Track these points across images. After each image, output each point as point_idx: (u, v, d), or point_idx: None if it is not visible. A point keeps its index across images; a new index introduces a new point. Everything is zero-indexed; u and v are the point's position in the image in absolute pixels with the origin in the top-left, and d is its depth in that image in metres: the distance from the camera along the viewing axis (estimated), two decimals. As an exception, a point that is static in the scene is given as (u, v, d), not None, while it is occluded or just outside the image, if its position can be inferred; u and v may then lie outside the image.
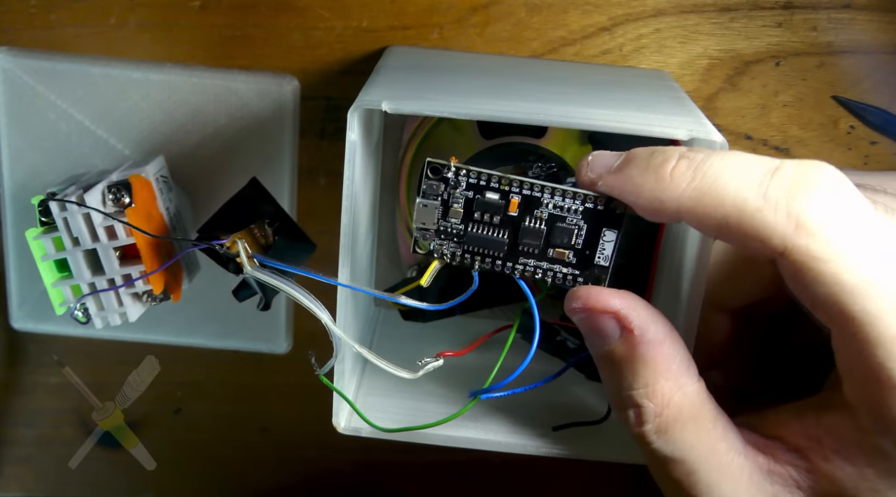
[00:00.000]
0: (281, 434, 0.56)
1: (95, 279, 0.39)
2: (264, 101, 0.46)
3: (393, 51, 0.45)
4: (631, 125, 0.32)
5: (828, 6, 0.45)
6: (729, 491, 0.30)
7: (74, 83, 0.46)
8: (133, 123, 0.46)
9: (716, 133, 0.32)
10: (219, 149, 0.47)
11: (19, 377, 0.55)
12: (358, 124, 0.33)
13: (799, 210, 0.27)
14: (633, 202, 0.30)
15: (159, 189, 0.42)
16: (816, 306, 0.28)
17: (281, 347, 0.50)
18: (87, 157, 0.47)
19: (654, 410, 0.30)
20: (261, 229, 0.40)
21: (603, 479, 0.56)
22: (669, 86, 0.43)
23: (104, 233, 0.39)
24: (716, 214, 0.28)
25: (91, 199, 0.38)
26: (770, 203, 0.27)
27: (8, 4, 0.46)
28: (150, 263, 0.39)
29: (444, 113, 0.33)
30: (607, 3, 0.45)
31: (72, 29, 0.46)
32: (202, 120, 0.46)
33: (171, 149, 0.46)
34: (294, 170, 0.48)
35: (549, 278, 0.33)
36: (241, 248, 0.36)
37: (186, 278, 0.44)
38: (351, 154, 0.33)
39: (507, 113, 0.33)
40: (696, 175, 0.28)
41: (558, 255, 0.33)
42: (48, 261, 0.39)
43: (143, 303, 0.41)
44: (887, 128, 0.47)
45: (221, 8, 0.46)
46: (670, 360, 0.30)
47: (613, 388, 0.31)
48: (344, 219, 0.34)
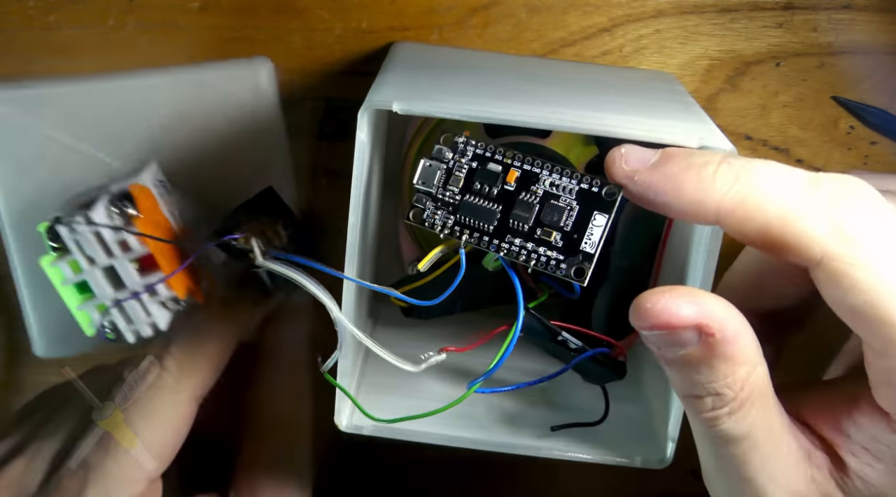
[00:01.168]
0: (281, 434, 0.56)
1: (118, 294, 0.39)
2: (241, 87, 0.46)
3: (399, 47, 0.45)
4: (642, 132, 0.32)
5: (828, 7, 0.45)
6: (778, 468, 0.31)
7: (50, 105, 0.45)
8: (117, 135, 0.46)
9: (726, 141, 0.32)
10: (208, 144, 0.46)
11: (19, 377, 0.55)
12: (368, 124, 0.33)
13: (840, 220, 0.28)
14: (668, 201, 0.30)
15: (159, 194, 0.42)
16: (852, 313, 0.28)
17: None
18: (80, 177, 0.45)
19: (732, 396, 0.30)
20: (275, 231, 0.40)
21: (603, 479, 0.56)
22: (675, 89, 0.43)
23: (118, 247, 0.39)
24: (758, 219, 0.28)
25: (96, 215, 0.38)
26: (812, 211, 0.28)
27: (6, 6, 0.46)
28: (168, 268, 0.39)
29: (455, 115, 0.33)
30: (607, 3, 0.45)
31: (70, 30, 0.46)
32: (185, 118, 0.46)
33: (162, 153, 0.46)
34: (287, 149, 0.47)
35: (532, 261, 0.33)
36: (254, 244, 0.36)
37: (205, 278, 0.44)
38: (360, 154, 0.33)
39: (518, 117, 0.33)
40: (740, 178, 0.29)
41: (545, 236, 0.32)
42: (69, 285, 0.39)
43: (170, 309, 0.41)
44: (887, 128, 0.47)
45: (221, 9, 0.46)
46: (746, 350, 0.30)
47: (686, 384, 0.30)
48: (351, 218, 0.34)
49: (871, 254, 0.27)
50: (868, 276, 0.27)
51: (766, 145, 0.47)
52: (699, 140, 0.32)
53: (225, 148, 0.47)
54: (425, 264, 0.34)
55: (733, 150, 0.32)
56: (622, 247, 0.42)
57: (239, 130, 0.46)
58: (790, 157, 0.47)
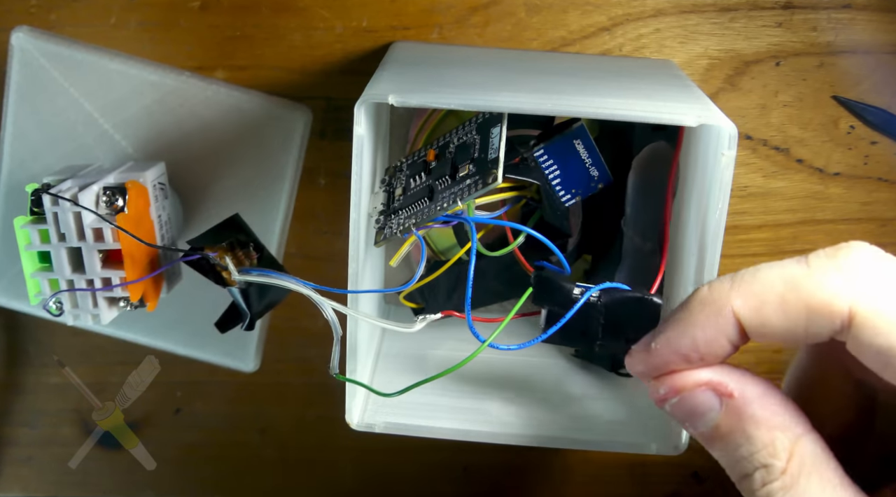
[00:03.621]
0: (280, 434, 0.56)
1: (74, 277, 0.39)
2: (274, 126, 0.46)
3: (398, 46, 0.45)
4: (639, 113, 0.32)
5: (828, 6, 0.45)
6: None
7: (90, 74, 0.46)
8: (141, 123, 0.46)
9: (725, 119, 0.32)
10: (221, 164, 0.47)
11: (19, 377, 0.54)
12: (365, 118, 0.33)
13: (853, 271, 0.27)
14: (693, 337, 0.29)
15: (155, 196, 0.42)
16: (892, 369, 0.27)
17: (249, 366, 0.51)
18: (90, 148, 0.47)
19: (780, 467, 0.28)
20: (245, 254, 0.39)
21: (606, 482, 0.55)
22: (676, 75, 0.43)
23: (91, 233, 0.38)
24: (771, 299, 0.28)
25: (85, 198, 0.38)
26: (821, 272, 0.27)
27: (8, 4, 0.46)
28: (132, 272, 0.39)
29: (451, 105, 0.33)
30: (607, 3, 0.45)
31: (72, 29, 0.46)
32: (210, 133, 0.46)
33: (174, 155, 0.46)
34: (291, 201, 0.48)
35: (460, 199, 0.34)
36: (228, 261, 0.37)
37: (165, 287, 0.43)
38: (359, 148, 0.33)
39: (514, 104, 0.33)
40: (735, 277, 0.28)
41: (462, 171, 0.35)
42: (31, 251, 0.39)
43: (119, 308, 0.41)
44: (887, 128, 0.47)
45: (222, 8, 0.46)
46: (780, 412, 0.29)
47: (732, 461, 0.30)
48: (353, 214, 0.34)
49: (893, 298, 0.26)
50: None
51: (766, 145, 0.47)
52: (697, 118, 0.32)
53: (235, 175, 0.47)
54: (396, 261, 0.36)
55: (733, 127, 0.32)
56: (634, 219, 0.42)
57: (255, 164, 0.47)
58: (790, 157, 0.47)
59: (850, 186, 0.48)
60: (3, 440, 0.56)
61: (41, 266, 0.40)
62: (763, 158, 0.48)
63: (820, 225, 0.49)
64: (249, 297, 0.38)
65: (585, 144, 0.36)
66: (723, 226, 0.33)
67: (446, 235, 0.45)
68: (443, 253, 0.46)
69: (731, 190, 0.32)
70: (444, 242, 0.45)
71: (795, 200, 0.48)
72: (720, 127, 0.32)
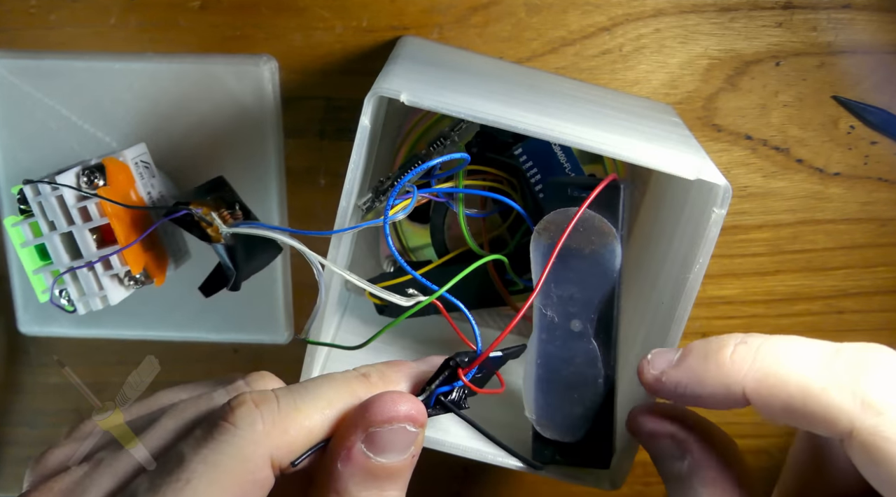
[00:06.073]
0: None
1: (74, 263, 0.39)
2: (243, 83, 0.46)
3: (407, 41, 0.45)
4: (642, 157, 0.33)
5: (828, 6, 0.45)
6: None
7: (59, 79, 0.46)
8: (119, 115, 0.46)
9: (721, 177, 0.33)
10: (204, 135, 0.47)
11: (19, 377, 0.55)
12: (372, 110, 0.33)
13: (865, 390, 0.27)
14: (698, 394, 0.31)
15: (139, 173, 0.42)
16: (889, 486, 0.27)
17: (281, 337, 0.50)
18: (77, 153, 0.46)
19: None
20: (232, 213, 0.39)
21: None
22: (674, 121, 0.43)
23: (78, 214, 0.39)
24: (780, 395, 0.28)
25: (63, 178, 0.38)
26: (834, 383, 0.28)
27: (7, 4, 0.46)
28: (123, 236, 0.39)
29: (462, 114, 0.33)
30: (607, 3, 0.45)
31: (72, 29, 0.46)
32: (186, 107, 0.46)
33: (159, 138, 0.46)
34: (280, 158, 0.47)
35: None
36: (214, 216, 0.37)
37: (172, 263, 0.43)
38: (362, 139, 0.34)
39: (526, 126, 0.33)
40: (757, 357, 0.29)
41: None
42: (28, 248, 0.40)
43: (125, 286, 0.40)
44: (887, 128, 0.47)
45: (221, 7, 0.46)
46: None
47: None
48: (343, 202, 0.35)
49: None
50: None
51: (766, 145, 0.47)
52: (696, 171, 0.33)
53: (219, 141, 0.47)
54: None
55: (727, 185, 0.32)
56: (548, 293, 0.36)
57: (236, 126, 0.46)
58: (790, 157, 0.47)
59: (850, 186, 0.48)
60: (3, 440, 0.56)
61: (42, 262, 0.40)
62: (763, 158, 0.48)
63: (820, 225, 0.49)
64: (236, 256, 0.38)
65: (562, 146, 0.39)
66: (700, 279, 0.34)
67: (419, 235, 0.45)
68: (412, 251, 0.46)
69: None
70: (415, 241, 0.45)
71: (795, 200, 0.48)
72: (716, 183, 0.32)
